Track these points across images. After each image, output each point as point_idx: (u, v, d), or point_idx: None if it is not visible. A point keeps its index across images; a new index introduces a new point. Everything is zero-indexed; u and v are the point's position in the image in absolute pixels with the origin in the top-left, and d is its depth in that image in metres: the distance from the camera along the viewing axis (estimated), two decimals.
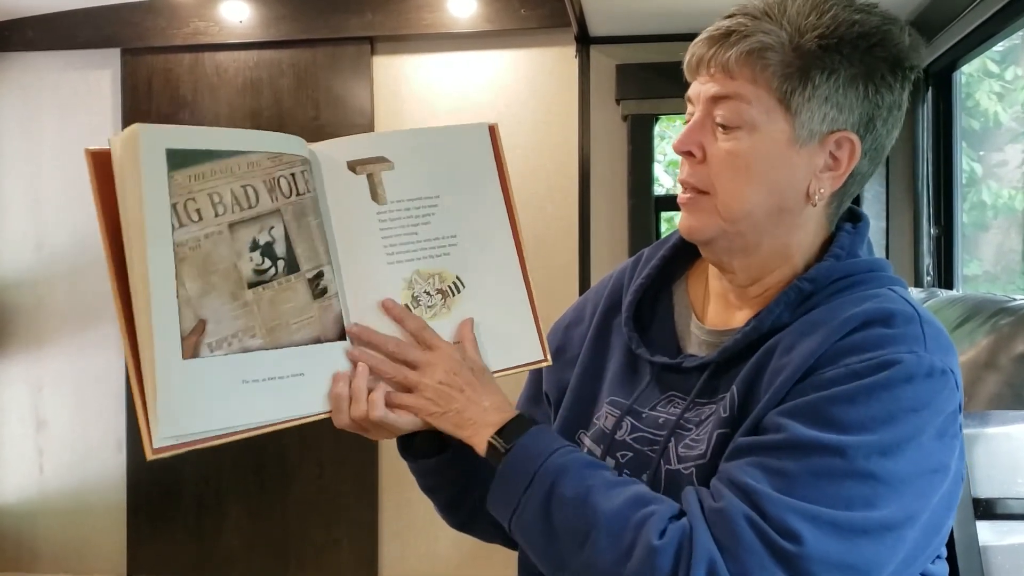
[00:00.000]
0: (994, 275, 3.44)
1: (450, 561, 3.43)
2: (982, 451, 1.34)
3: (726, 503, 0.88)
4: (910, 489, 0.89)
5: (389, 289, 1.04)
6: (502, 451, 0.98)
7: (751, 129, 0.98)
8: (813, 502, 0.87)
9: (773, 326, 1.00)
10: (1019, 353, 1.57)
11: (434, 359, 1.02)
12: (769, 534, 0.85)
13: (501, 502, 0.98)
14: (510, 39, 3.34)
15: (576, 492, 0.93)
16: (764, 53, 0.96)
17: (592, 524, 0.90)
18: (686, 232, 1.05)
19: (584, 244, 3.21)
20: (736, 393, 0.98)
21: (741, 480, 0.89)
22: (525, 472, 0.96)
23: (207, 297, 0.92)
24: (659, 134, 3.58)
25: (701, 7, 1.41)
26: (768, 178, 0.99)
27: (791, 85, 0.97)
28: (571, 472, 0.95)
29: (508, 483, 0.97)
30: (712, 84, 1.00)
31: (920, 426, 0.90)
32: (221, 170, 0.94)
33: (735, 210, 1.00)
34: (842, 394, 0.90)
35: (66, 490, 3.59)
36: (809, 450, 0.88)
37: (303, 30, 3.39)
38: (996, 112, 3.61)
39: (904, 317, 0.95)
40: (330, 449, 3.43)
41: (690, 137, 1.01)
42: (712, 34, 1.00)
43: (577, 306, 1.23)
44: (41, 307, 3.58)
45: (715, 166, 1.00)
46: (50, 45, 3.51)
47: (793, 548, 0.85)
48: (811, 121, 0.98)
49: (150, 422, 0.90)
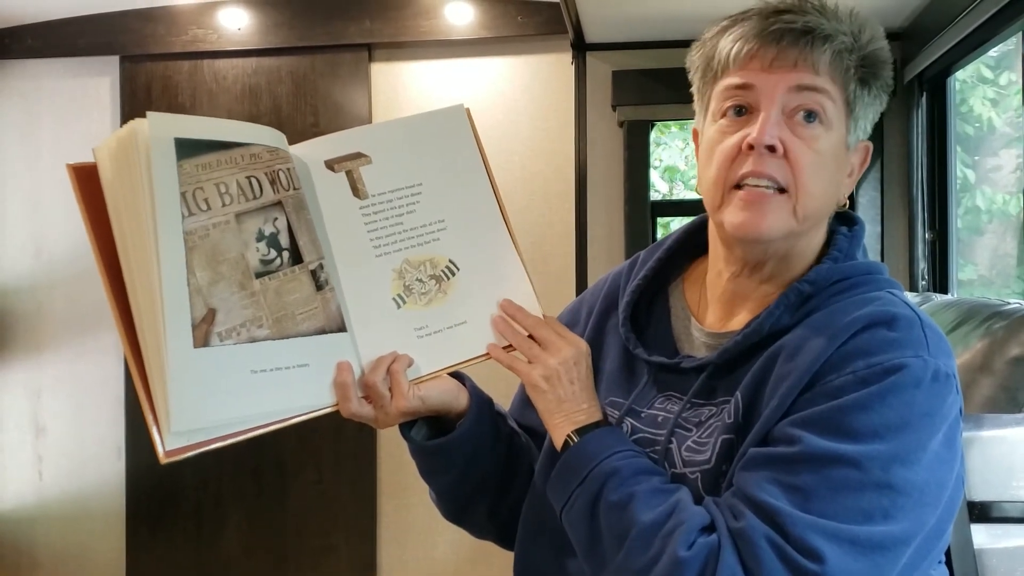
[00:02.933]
0: (989, 279, 3.45)
1: (448, 566, 3.42)
2: (977, 454, 1.34)
3: (747, 524, 0.88)
4: (924, 497, 0.90)
5: (380, 281, 1.05)
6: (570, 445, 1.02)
7: (828, 127, 0.99)
8: (832, 518, 0.87)
9: (773, 328, 1.00)
10: (1013, 356, 1.58)
11: (563, 345, 1.05)
12: (791, 555, 0.86)
13: (556, 492, 1.02)
14: (507, 46, 3.35)
15: (620, 498, 0.95)
16: (847, 55, 0.99)
17: (629, 531, 0.92)
18: (749, 229, 0.99)
19: (581, 250, 3.22)
20: (740, 399, 0.98)
21: (760, 498, 0.89)
22: (580, 469, 0.99)
23: (216, 286, 0.93)
24: (655, 140, 3.59)
25: (697, 14, 1.42)
26: (834, 179, 1.02)
27: (859, 91, 1.00)
28: (621, 477, 0.97)
29: (564, 476, 1.00)
30: (797, 75, 0.97)
31: (931, 432, 0.91)
32: (226, 161, 0.95)
33: (811, 211, 1.00)
34: (854, 403, 0.90)
35: (65, 496, 3.59)
36: (825, 462, 0.89)
37: (301, 37, 3.40)
38: (990, 118, 3.62)
39: (906, 321, 0.95)
40: (328, 454, 3.43)
41: (774, 131, 0.97)
42: (790, 27, 0.97)
43: (572, 308, 1.24)
44: (40, 313, 3.58)
45: (798, 163, 0.98)
46: (49, 52, 3.52)
47: (815, 568, 0.85)
48: (860, 128, 1.02)
49: (159, 417, 0.90)
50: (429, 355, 1.06)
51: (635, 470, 0.97)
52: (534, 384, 1.04)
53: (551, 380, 1.03)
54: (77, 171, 0.95)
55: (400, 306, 1.06)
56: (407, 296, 1.06)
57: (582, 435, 1.01)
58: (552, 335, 1.06)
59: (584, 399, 1.04)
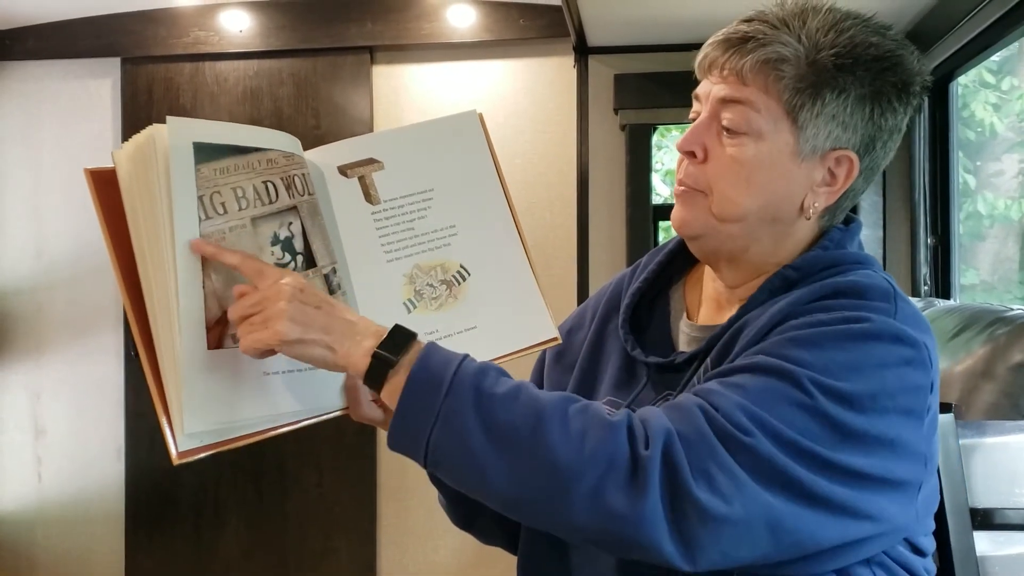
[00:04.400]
0: (991, 284, 3.44)
1: (448, 569, 3.42)
2: (979, 461, 1.34)
3: (681, 399, 0.89)
4: (862, 446, 0.88)
5: (391, 286, 1.05)
6: (392, 362, 0.88)
7: (757, 137, 0.99)
8: (766, 413, 0.86)
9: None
10: (1016, 363, 1.57)
11: (274, 283, 0.90)
12: (720, 421, 0.85)
13: (412, 419, 0.87)
14: (509, 49, 3.35)
15: (508, 389, 0.87)
16: (780, 64, 0.97)
17: (539, 414, 0.86)
18: (677, 224, 1.05)
19: (582, 253, 3.22)
20: (710, 364, 1.00)
21: (698, 388, 0.91)
22: (437, 381, 0.87)
23: (232, 289, 0.93)
24: (657, 144, 3.59)
25: (699, 17, 1.42)
26: (766, 188, 1.00)
27: (801, 100, 0.97)
28: (491, 374, 0.89)
29: (419, 397, 0.87)
30: (723, 86, 1.00)
31: (886, 388, 0.90)
32: (243, 165, 0.95)
33: (728, 213, 1.01)
34: (807, 338, 0.91)
35: (65, 498, 3.58)
36: (770, 373, 0.89)
37: (303, 39, 3.40)
38: (992, 123, 3.62)
39: (879, 291, 0.95)
40: (328, 457, 3.43)
41: (695, 137, 1.02)
42: (729, 36, 1.00)
43: (578, 312, 1.24)
44: (41, 315, 3.58)
45: (716, 169, 1.01)
46: (51, 54, 3.52)
47: (745, 439, 0.84)
48: (816, 137, 0.99)
49: (173, 419, 0.91)
50: None
51: (496, 368, 0.91)
52: (290, 340, 0.87)
53: (300, 318, 0.88)
54: (95, 175, 0.95)
55: (411, 311, 1.06)
56: (418, 301, 1.06)
57: (397, 351, 0.89)
58: (259, 264, 0.92)
59: (343, 311, 0.92)
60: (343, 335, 0.90)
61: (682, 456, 0.83)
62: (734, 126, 0.99)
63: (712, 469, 0.84)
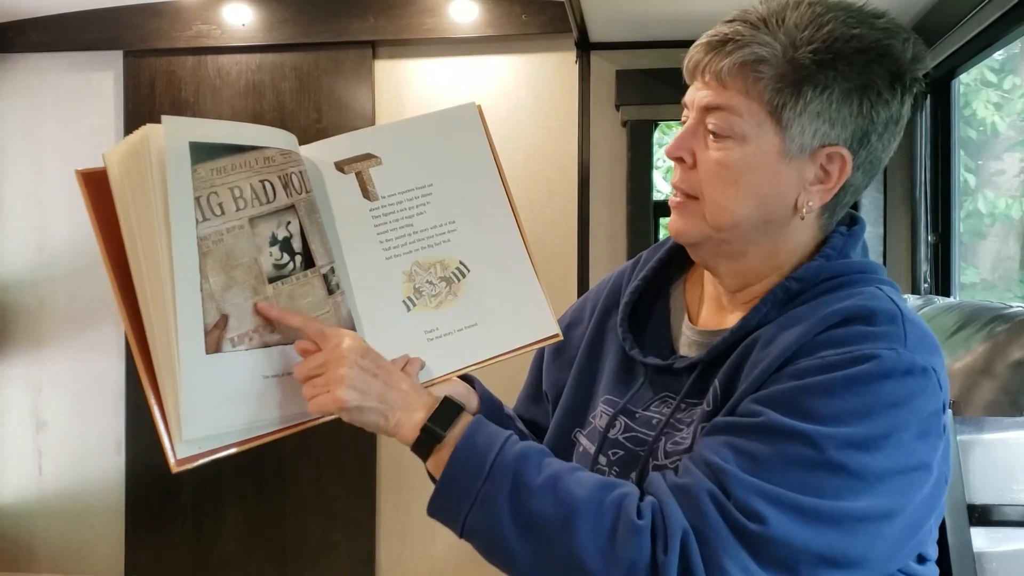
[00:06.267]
0: (991, 283, 3.45)
1: (447, 563, 3.43)
2: (978, 457, 1.34)
3: (692, 479, 0.89)
4: (886, 485, 0.89)
5: (390, 284, 1.04)
6: (440, 437, 0.94)
7: (741, 140, 0.98)
8: (780, 486, 0.87)
9: (760, 325, 1.00)
10: (1015, 360, 1.57)
11: (336, 347, 0.93)
12: (732, 512, 0.86)
13: (452, 497, 0.92)
14: (511, 44, 3.35)
15: (544, 480, 0.91)
16: (757, 65, 0.96)
17: (571, 510, 0.89)
18: (674, 233, 1.05)
19: (583, 249, 3.22)
20: (718, 386, 0.99)
21: (709, 458, 0.90)
22: (479, 463, 0.92)
23: (229, 291, 0.92)
24: (658, 140, 3.59)
25: (701, 13, 1.42)
26: (756, 190, 1.00)
27: (783, 99, 0.96)
28: (531, 460, 0.93)
29: (460, 476, 0.92)
30: (705, 92, 1.00)
31: (899, 423, 0.90)
32: (240, 164, 0.93)
33: (721, 219, 1.01)
34: (817, 385, 0.91)
35: (65, 491, 3.59)
36: (781, 436, 0.89)
37: (305, 34, 3.40)
38: (994, 122, 3.62)
39: (886, 315, 0.95)
40: (328, 451, 3.43)
41: (682, 143, 1.02)
42: (710, 40, 1.00)
43: (577, 306, 1.24)
44: (41, 308, 3.58)
45: (704, 174, 1.01)
46: (53, 47, 3.52)
47: (756, 528, 0.85)
48: (802, 135, 0.97)
49: (171, 425, 0.89)
50: (439, 358, 1.04)
51: (537, 451, 0.95)
52: (349, 407, 0.92)
53: (360, 385, 0.92)
54: (86, 176, 0.93)
55: (410, 309, 1.04)
56: (417, 299, 1.05)
57: (445, 426, 0.94)
58: (322, 326, 0.95)
59: (399, 380, 0.96)
60: (397, 405, 0.95)
61: (698, 557, 0.86)
62: (719, 130, 0.99)
63: (727, 564, 0.86)
